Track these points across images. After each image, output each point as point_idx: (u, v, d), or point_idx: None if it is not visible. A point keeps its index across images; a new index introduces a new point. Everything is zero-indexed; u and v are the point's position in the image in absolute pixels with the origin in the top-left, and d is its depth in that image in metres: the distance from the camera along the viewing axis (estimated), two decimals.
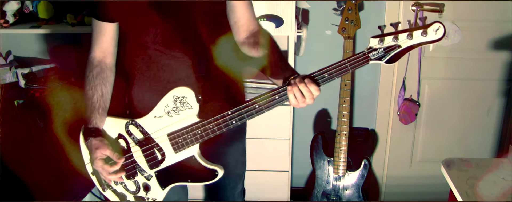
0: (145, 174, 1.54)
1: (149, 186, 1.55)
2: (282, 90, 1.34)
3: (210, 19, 1.50)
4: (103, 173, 1.51)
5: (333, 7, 2.45)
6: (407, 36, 1.22)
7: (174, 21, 1.46)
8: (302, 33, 2.34)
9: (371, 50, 1.25)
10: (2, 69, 2.49)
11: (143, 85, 1.56)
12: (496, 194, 1.45)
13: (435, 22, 1.20)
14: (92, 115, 1.51)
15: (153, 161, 1.51)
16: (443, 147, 2.74)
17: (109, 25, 1.50)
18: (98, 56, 1.53)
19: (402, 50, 1.24)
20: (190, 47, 1.48)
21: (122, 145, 1.54)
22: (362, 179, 2.42)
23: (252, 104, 1.36)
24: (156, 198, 1.57)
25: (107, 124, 1.55)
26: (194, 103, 1.40)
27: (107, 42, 1.52)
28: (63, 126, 2.27)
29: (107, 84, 1.54)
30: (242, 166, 1.86)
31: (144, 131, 1.49)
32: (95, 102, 1.51)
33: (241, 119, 1.39)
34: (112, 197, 1.63)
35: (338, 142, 2.37)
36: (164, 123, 1.45)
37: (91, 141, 1.50)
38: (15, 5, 2.38)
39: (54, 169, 2.14)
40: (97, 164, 1.49)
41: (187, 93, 1.40)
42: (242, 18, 1.53)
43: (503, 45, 2.52)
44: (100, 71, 1.52)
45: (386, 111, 2.70)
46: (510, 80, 2.60)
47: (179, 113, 1.43)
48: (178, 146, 1.46)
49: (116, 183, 1.60)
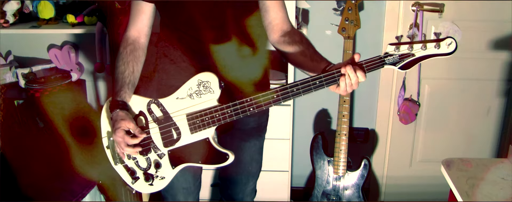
0: (158, 151, 1.58)
1: (160, 163, 1.58)
2: (301, 83, 1.38)
3: (241, 12, 1.56)
4: (121, 144, 1.54)
5: (333, 7, 2.45)
6: (422, 47, 1.34)
7: (207, 10, 1.51)
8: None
9: (387, 56, 1.36)
10: (2, 69, 2.49)
11: (169, 69, 1.63)
12: (496, 194, 1.45)
13: (448, 37, 1.33)
14: (122, 88, 1.56)
15: (169, 139, 1.55)
16: (443, 147, 2.74)
17: (147, 5, 1.56)
18: (133, 35, 1.59)
19: (415, 59, 1.36)
20: (219, 36, 1.55)
21: (141, 121, 1.58)
22: (362, 179, 2.42)
23: (271, 93, 1.41)
24: (165, 176, 1.59)
25: (131, 101, 1.59)
26: (216, 88, 1.47)
27: (143, 22, 1.59)
28: (63, 125, 2.27)
29: (139, 63, 1.59)
30: (257, 164, 1.88)
31: (164, 110, 1.54)
32: (126, 77, 1.56)
33: (259, 107, 1.43)
34: (122, 172, 1.66)
35: (338, 142, 2.37)
36: (185, 104, 1.51)
37: (118, 112, 1.53)
38: (15, 5, 2.38)
39: (54, 168, 2.15)
40: (118, 133, 1.52)
41: (211, 78, 1.47)
42: (276, 18, 1.58)
43: (503, 45, 2.52)
44: (133, 50, 1.58)
45: (386, 111, 2.71)
46: (510, 80, 2.60)
47: (200, 96, 1.49)
48: (195, 127, 1.51)
49: (129, 157, 1.62)
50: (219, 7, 1.52)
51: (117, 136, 1.52)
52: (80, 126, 2.13)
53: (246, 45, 1.60)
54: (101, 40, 2.35)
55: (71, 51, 2.49)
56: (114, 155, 1.65)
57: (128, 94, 1.56)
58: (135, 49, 1.58)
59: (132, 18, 1.60)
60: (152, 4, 1.57)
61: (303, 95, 1.39)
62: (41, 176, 2.07)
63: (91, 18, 2.41)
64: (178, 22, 1.57)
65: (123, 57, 1.57)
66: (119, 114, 1.53)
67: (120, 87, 1.56)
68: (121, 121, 1.51)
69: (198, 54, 1.59)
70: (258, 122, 1.77)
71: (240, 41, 1.58)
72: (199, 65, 1.58)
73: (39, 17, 2.43)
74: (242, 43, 1.59)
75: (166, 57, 1.65)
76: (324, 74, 1.37)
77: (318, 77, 1.38)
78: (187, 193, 1.77)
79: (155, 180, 1.61)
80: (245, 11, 1.57)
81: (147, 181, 1.61)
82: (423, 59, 1.36)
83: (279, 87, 1.41)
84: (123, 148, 1.55)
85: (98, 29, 2.33)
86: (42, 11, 2.41)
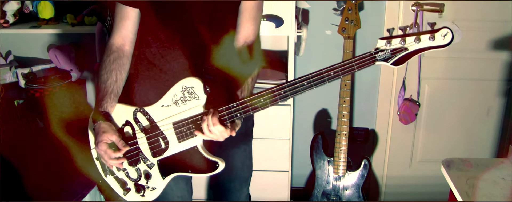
0: (147, 162, 1.55)
1: (150, 174, 1.56)
2: (289, 85, 1.35)
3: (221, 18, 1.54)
4: (105, 157, 1.52)
5: (333, 7, 2.45)
6: (415, 40, 1.23)
7: (190, 16, 1.49)
8: (302, 33, 2.34)
9: (378, 51, 1.27)
10: (2, 69, 2.49)
11: (151, 76, 1.59)
12: (496, 194, 1.45)
13: (443, 27, 1.21)
14: (104, 98, 1.53)
15: (157, 149, 1.52)
16: (443, 147, 2.74)
17: (131, 11, 1.53)
18: (117, 43, 1.55)
19: (409, 53, 1.25)
20: (203, 42, 1.52)
21: (128, 131, 1.55)
22: (362, 179, 2.42)
23: (258, 97, 1.38)
24: (156, 187, 1.57)
25: (116, 111, 1.56)
26: (201, 93, 1.43)
27: (127, 28, 1.55)
28: (63, 125, 2.27)
29: (123, 71, 1.56)
30: (248, 169, 1.86)
31: (150, 119, 1.51)
32: (108, 86, 1.53)
33: (246, 112, 1.40)
34: (113, 183, 1.64)
35: (338, 142, 2.37)
36: (171, 112, 1.48)
37: (100, 124, 1.51)
38: (15, 5, 2.38)
39: (54, 169, 2.15)
40: (101, 147, 1.50)
41: (195, 84, 1.43)
42: (242, 30, 1.57)
43: (503, 45, 2.52)
44: (117, 58, 1.54)
45: (386, 111, 2.71)
46: (510, 80, 2.60)
47: (186, 103, 1.45)
48: (182, 135, 1.48)
49: (118, 169, 1.60)
50: (203, 13, 1.50)
51: (100, 149, 1.50)
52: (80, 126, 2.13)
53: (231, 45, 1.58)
54: (101, 40, 2.35)
55: (71, 51, 2.49)
56: (103, 167, 1.63)
57: (109, 104, 1.53)
58: (119, 57, 1.54)
59: (116, 25, 1.55)
60: (137, 9, 1.53)
61: None
62: (41, 176, 2.07)
63: (91, 18, 2.41)
64: (163, 28, 1.53)
65: (105, 66, 1.54)
66: (101, 126, 1.50)
67: (102, 97, 1.53)
68: (103, 133, 1.49)
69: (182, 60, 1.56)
70: (245, 127, 1.75)
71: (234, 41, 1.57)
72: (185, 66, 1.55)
73: (39, 17, 2.43)
74: (229, 43, 1.57)
75: (149, 62, 1.60)
76: (282, 85, 1.36)
77: (282, 86, 1.36)
78: (182, 201, 1.75)
79: (146, 190, 1.58)
80: (227, 13, 1.55)
81: (138, 192, 1.59)
82: (417, 53, 1.24)
83: (264, 90, 1.39)
84: (107, 161, 1.53)
85: (98, 29, 2.33)
86: (42, 11, 2.41)
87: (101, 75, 1.54)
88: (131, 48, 1.57)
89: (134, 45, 1.58)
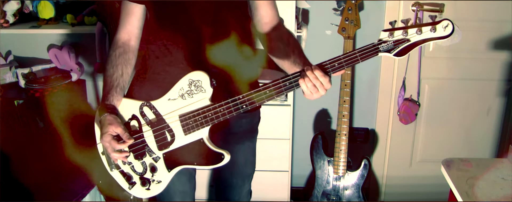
0: (153, 155, 1.56)
1: (156, 167, 1.57)
2: (294, 77, 1.37)
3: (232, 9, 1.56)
4: (109, 149, 1.52)
5: (333, 7, 2.45)
6: (417, 31, 1.26)
7: (196, 13, 1.51)
8: (302, 33, 2.34)
9: (381, 43, 1.30)
10: (2, 69, 2.49)
11: (159, 69, 1.61)
12: (496, 194, 1.45)
13: (444, 19, 1.25)
14: (110, 91, 1.54)
15: (163, 142, 1.54)
16: (443, 147, 2.74)
17: (137, 7, 1.55)
18: (123, 38, 1.58)
19: (411, 44, 1.28)
20: (210, 37, 1.53)
21: (134, 125, 1.56)
22: (362, 179, 2.42)
23: (264, 89, 1.39)
24: (161, 180, 1.58)
25: (123, 105, 1.57)
26: (208, 87, 1.45)
27: (133, 24, 1.57)
28: (63, 125, 2.27)
29: (128, 66, 1.58)
30: (251, 166, 1.87)
31: (157, 113, 1.52)
32: (114, 80, 1.55)
33: (252, 104, 1.41)
34: (118, 177, 1.64)
35: (338, 142, 2.37)
36: (177, 105, 1.49)
37: (106, 116, 1.52)
38: (15, 5, 2.38)
39: (54, 169, 2.15)
40: (105, 138, 1.50)
41: (202, 77, 1.45)
42: (265, 16, 1.58)
43: (503, 45, 2.52)
44: (123, 52, 1.57)
45: (386, 111, 2.71)
46: (510, 80, 2.60)
47: (192, 96, 1.47)
48: (188, 128, 1.49)
49: (124, 163, 1.61)
50: (210, 9, 1.51)
51: (104, 140, 1.50)
52: (80, 126, 2.12)
53: (240, 43, 1.59)
54: (101, 40, 2.35)
55: (71, 51, 2.49)
56: (109, 161, 1.63)
57: (116, 97, 1.55)
58: (124, 52, 1.57)
59: (122, 20, 1.58)
60: (142, 5, 1.55)
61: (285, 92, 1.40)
62: (41, 176, 2.07)
63: (91, 18, 2.41)
64: (168, 21, 1.55)
65: (111, 60, 1.56)
66: (107, 118, 1.51)
67: (108, 90, 1.54)
68: (109, 125, 1.49)
69: (189, 52, 1.57)
70: (251, 123, 1.76)
71: (238, 39, 1.57)
72: (190, 62, 1.56)
73: (39, 17, 2.43)
74: (236, 41, 1.58)
75: (157, 58, 1.62)
76: (287, 77, 1.37)
77: (286, 78, 1.37)
78: (184, 196, 1.75)
79: (151, 184, 1.59)
80: (235, 8, 1.56)
81: (144, 185, 1.60)
82: (419, 44, 1.28)
83: (270, 82, 1.40)
84: (110, 153, 1.53)
85: (98, 29, 2.33)
86: (42, 11, 2.41)
87: (107, 69, 1.56)
88: (137, 43, 1.60)
89: (139, 40, 1.61)
